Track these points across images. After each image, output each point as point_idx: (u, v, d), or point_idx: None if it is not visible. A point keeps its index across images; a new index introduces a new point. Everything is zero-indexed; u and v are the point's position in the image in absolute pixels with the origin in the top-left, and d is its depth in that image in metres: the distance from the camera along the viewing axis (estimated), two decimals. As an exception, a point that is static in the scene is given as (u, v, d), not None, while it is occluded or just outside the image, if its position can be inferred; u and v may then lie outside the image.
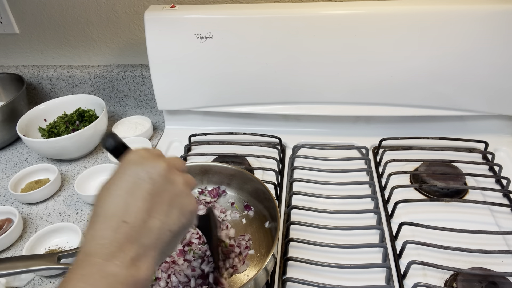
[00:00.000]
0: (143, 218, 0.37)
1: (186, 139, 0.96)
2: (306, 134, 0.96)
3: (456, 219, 0.72)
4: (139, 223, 0.36)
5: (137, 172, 0.38)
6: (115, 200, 0.37)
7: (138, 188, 0.38)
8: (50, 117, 1.02)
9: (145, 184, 0.38)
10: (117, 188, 0.38)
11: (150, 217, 0.37)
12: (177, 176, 0.41)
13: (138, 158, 0.40)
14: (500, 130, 0.92)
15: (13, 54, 1.17)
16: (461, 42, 0.79)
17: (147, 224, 0.37)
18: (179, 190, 0.40)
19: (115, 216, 0.36)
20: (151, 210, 0.37)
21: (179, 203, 0.40)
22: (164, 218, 0.38)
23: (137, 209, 0.37)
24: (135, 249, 0.36)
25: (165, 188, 0.39)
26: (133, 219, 0.36)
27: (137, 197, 0.37)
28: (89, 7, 1.03)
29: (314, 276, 0.62)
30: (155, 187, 0.38)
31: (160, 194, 0.38)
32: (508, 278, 0.60)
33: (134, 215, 0.37)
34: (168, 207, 0.39)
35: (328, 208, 0.73)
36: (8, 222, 0.77)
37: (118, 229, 0.36)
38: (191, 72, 0.90)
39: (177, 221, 0.40)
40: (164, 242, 0.38)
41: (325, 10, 0.81)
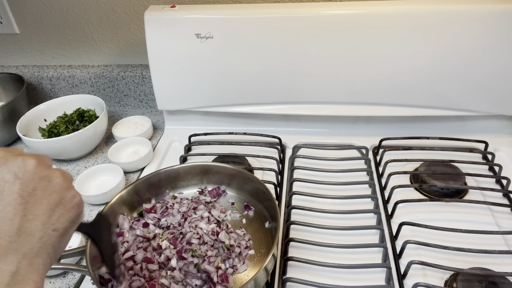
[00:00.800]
0: (17, 224, 0.32)
1: (186, 139, 0.96)
2: (306, 134, 0.96)
3: (456, 219, 0.72)
4: (13, 230, 0.32)
5: (0, 173, 0.34)
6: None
7: (4, 192, 0.33)
8: (50, 117, 1.02)
9: (13, 186, 0.33)
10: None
11: (26, 220, 0.33)
12: (51, 171, 0.37)
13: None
14: (500, 130, 0.92)
15: (13, 54, 1.17)
16: (461, 42, 0.79)
17: (24, 229, 0.32)
18: (58, 184, 0.36)
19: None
20: (25, 213, 0.33)
21: (60, 198, 0.36)
22: (46, 218, 0.34)
23: (9, 215, 0.32)
24: (15, 261, 0.31)
25: (39, 185, 0.35)
26: (5, 227, 0.32)
27: (5, 202, 0.33)
28: (89, 7, 1.03)
29: (314, 276, 0.62)
30: (26, 187, 0.34)
31: (34, 194, 0.34)
32: (508, 278, 0.60)
33: (6, 222, 0.32)
34: (48, 205, 0.35)
35: (328, 208, 0.73)
36: None
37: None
38: (191, 72, 0.90)
39: (61, 218, 0.36)
40: (50, 245, 0.34)
41: (325, 10, 0.81)
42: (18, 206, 0.33)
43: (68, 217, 0.36)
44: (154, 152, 0.96)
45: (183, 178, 0.75)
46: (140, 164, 0.90)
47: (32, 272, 0.32)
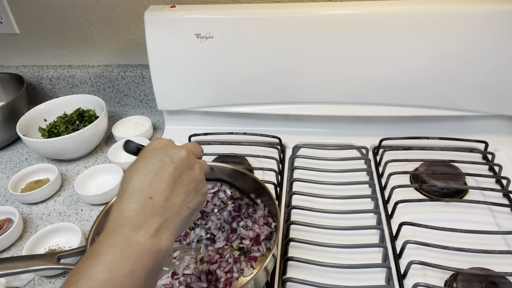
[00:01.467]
0: (166, 195, 0.41)
1: (186, 139, 0.96)
2: (306, 134, 0.96)
3: (456, 219, 0.72)
4: (163, 199, 0.41)
5: (161, 156, 0.43)
6: (142, 179, 0.42)
7: (162, 170, 0.43)
8: (50, 117, 1.02)
9: (168, 167, 0.43)
10: (143, 168, 0.42)
11: (172, 195, 0.42)
12: (195, 162, 0.47)
13: (162, 145, 0.45)
14: (500, 130, 0.92)
15: (13, 54, 1.17)
16: (461, 42, 0.79)
17: (169, 201, 0.42)
18: (196, 174, 0.46)
19: (142, 193, 0.41)
20: (173, 189, 0.42)
21: (196, 186, 0.45)
22: (184, 196, 0.43)
23: (162, 187, 0.42)
24: (159, 221, 0.40)
25: (185, 172, 0.44)
26: (158, 196, 0.41)
27: (162, 177, 0.42)
28: (89, 7, 1.03)
29: (314, 276, 0.62)
30: (176, 170, 0.43)
31: (180, 177, 0.44)
32: (508, 278, 0.60)
33: (160, 192, 0.41)
34: (187, 188, 0.44)
35: (328, 208, 0.73)
36: (8, 222, 0.77)
37: (144, 203, 0.40)
38: (191, 72, 0.90)
39: (194, 200, 0.45)
40: (183, 217, 0.43)
41: (325, 10, 0.81)
42: (169, 183, 0.42)
43: (197, 200, 0.46)
44: (154, 152, 0.96)
45: (183, 178, 0.75)
46: (140, 164, 0.90)
47: (167, 233, 0.40)
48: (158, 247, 0.38)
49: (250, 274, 0.61)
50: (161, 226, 0.40)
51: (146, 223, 0.39)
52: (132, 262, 0.36)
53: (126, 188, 0.41)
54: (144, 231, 0.38)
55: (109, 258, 0.35)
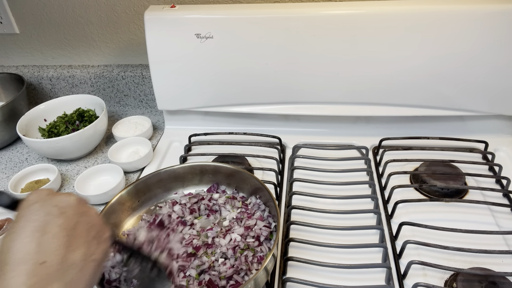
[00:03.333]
0: (62, 254, 0.35)
1: (186, 139, 0.96)
2: (306, 134, 0.96)
3: (456, 219, 0.72)
4: (59, 259, 0.34)
5: (46, 209, 0.36)
6: (25, 243, 0.34)
7: (51, 224, 0.36)
8: (50, 117, 1.02)
9: (58, 220, 0.36)
10: (25, 230, 0.35)
11: (70, 251, 0.36)
12: (90, 208, 0.41)
13: (43, 196, 0.38)
14: (500, 130, 0.92)
15: (13, 54, 1.17)
16: (461, 42, 0.79)
17: (68, 260, 0.35)
18: (94, 219, 0.40)
19: (30, 260, 0.33)
20: (69, 244, 0.36)
21: (96, 232, 0.40)
22: (85, 249, 0.37)
23: (54, 246, 0.35)
24: (60, 287, 0.34)
25: (80, 219, 0.38)
26: (51, 257, 0.34)
27: (52, 234, 0.35)
28: (89, 7, 1.03)
29: (314, 276, 0.62)
30: (69, 221, 0.37)
31: (76, 227, 0.37)
32: (508, 278, 0.60)
33: (53, 252, 0.34)
34: (87, 238, 0.38)
35: (328, 208, 0.73)
36: (8, 222, 0.77)
37: (35, 272, 0.33)
38: (191, 72, 0.90)
39: (98, 249, 0.39)
40: (89, 274, 0.37)
41: (325, 10, 0.81)
42: (62, 238, 0.35)
43: (102, 248, 0.40)
44: (154, 152, 0.96)
45: (183, 178, 0.75)
46: (140, 164, 0.90)
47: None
48: None
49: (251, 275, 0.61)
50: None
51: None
52: None
53: (6, 260, 0.33)
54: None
55: None
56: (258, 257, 0.62)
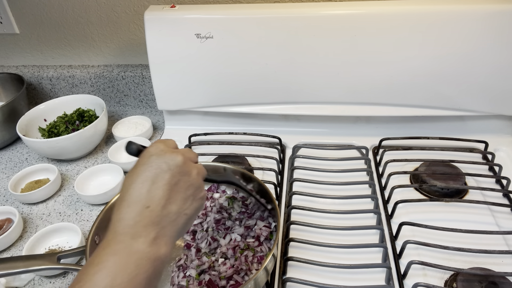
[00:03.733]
0: (163, 204, 0.42)
1: (186, 139, 0.96)
2: (306, 134, 0.96)
3: (456, 219, 0.72)
4: (160, 208, 0.42)
5: (158, 163, 0.43)
6: (139, 188, 0.42)
7: (159, 178, 0.43)
8: (50, 117, 1.02)
9: (165, 175, 0.43)
10: (141, 176, 0.43)
11: (169, 203, 0.43)
12: (192, 168, 0.47)
13: (159, 151, 0.45)
14: (500, 130, 0.92)
15: (13, 54, 1.17)
16: (461, 42, 0.79)
17: (166, 209, 0.42)
18: (193, 180, 0.46)
19: (140, 202, 0.41)
20: (169, 197, 0.43)
21: (193, 192, 0.46)
22: (181, 204, 0.44)
23: (159, 196, 0.42)
24: (156, 230, 0.41)
25: (182, 178, 0.45)
26: (154, 205, 0.42)
27: (158, 186, 0.42)
28: (89, 7, 1.03)
29: (314, 276, 0.62)
30: (173, 178, 0.44)
31: (177, 183, 0.44)
32: (508, 278, 0.60)
33: (156, 201, 0.42)
34: (184, 195, 0.45)
35: (328, 208, 0.73)
36: (8, 222, 0.77)
37: (142, 213, 0.41)
38: (191, 72, 0.90)
39: (191, 206, 0.46)
40: (180, 224, 0.44)
41: (325, 10, 0.81)
42: (166, 190, 0.43)
43: (195, 206, 0.46)
44: (154, 152, 0.96)
45: (183, 178, 0.75)
46: (140, 164, 0.90)
47: (165, 239, 0.42)
48: (156, 255, 0.40)
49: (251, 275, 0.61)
50: (158, 234, 0.41)
51: (145, 231, 0.40)
52: (132, 269, 0.37)
53: (125, 197, 0.42)
54: (142, 239, 0.40)
55: (110, 266, 0.37)
56: (258, 257, 0.62)
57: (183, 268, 0.61)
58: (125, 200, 0.42)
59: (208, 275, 0.59)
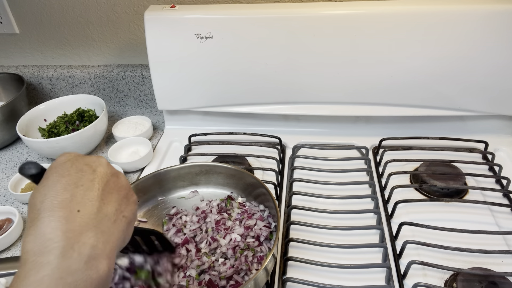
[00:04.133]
0: (97, 206, 0.35)
1: (186, 139, 0.96)
2: (306, 134, 0.96)
3: (456, 219, 0.72)
4: (94, 210, 0.35)
5: (78, 167, 0.37)
6: (60, 195, 0.34)
7: (84, 179, 0.36)
8: (50, 117, 1.02)
9: (90, 175, 0.37)
10: (58, 183, 0.35)
11: (103, 204, 0.36)
12: (117, 171, 0.41)
13: (72, 157, 0.38)
14: (500, 130, 0.92)
15: (13, 54, 1.17)
16: (461, 42, 0.79)
17: (102, 211, 0.35)
18: (122, 181, 0.41)
19: (65, 207, 0.33)
20: (103, 197, 0.36)
21: (126, 193, 0.40)
22: (117, 205, 0.38)
23: (90, 197, 0.35)
24: (94, 236, 0.33)
25: (110, 179, 0.39)
26: (87, 207, 0.34)
27: (85, 188, 0.35)
28: (89, 7, 1.03)
29: (314, 276, 0.62)
30: (102, 178, 0.38)
31: (107, 184, 0.38)
32: (508, 278, 0.60)
33: (88, 203, 0.35)
34: (117, 195, 0.38)
35: (328, 208, 0.73)
36: (8, 222, 0.77)
37: (70, 219, 0.32)
38: (191, 72, 0.90)
39: (127, 208, 0.39)
40: (121, 228, 0.38)
41: (325, 10, 0.81)
42: (96, 191, 0.36)
43: (131, 208, 0.40)
44: (154, 152, 0.96)
45: (183, 178, 0.75)
46: (140, 164, 0.90)
47: (107, 248, 0.34)
48: (98, 273, 0.32)
49: (251, 275, 0.61)
50: (97, 241, 0.33)
51: (78, 242, 0.32)
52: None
53: (41, 207, 0.33)
54: (76, 253, 0.31)
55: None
56: (258, 257, 0.62)
57: (183, 268, 0.61)
58: (43, 210, 0.32)
59: (208, 275, 0.59)
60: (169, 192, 0.76)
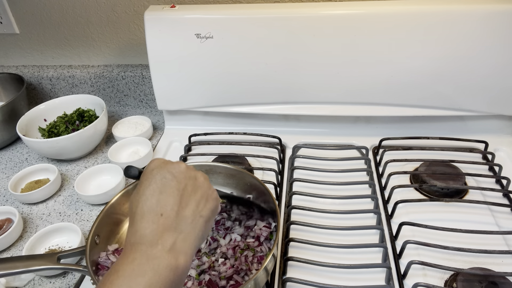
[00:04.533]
0: (176, 210, 0.42)
1: (186, 139, 0.96)
2: (306, 134, 0.96)
3: (456, 219, 0.72)
4: (173, 214, 0.42)
5: (161, 174, 0.44)
6: (149, 199, 0.42)
7: (166, 186, 0.43)
8: (50, 117, 1.02)
9: (171, 182, 0.44)
10: (148, 190, 0.43)
11: (181, 208, 0.43)
12: (196, 172, 0.47)
13: (160, 164, 0.46)
14: (500, 130, 0.92)
15: (13, 54, 1.17)
16: (461, 42, 0.79)
17: (180, 214, 0.43)
18: (201, 182, 0.46)
19: (152, 211, 0.42)
20: (181, 202, 0.43)
21: (204, 193, 0.46)
22: (194, 207, 0.44)
23: (170, 203, 0.42)
24: (173, 236, 0.41)
25: (188, 182, 0.45)
26: (168, 211, 0.42)
27: (167, 194, 0.43)
28: (89, 7, 1.03)
29: (314, 276, 0.62)
30: (180, 183, 0.44)
31: (185, 188, 0.44)
32: (508, 278, 0.60)
33: (169, 207, 0.42)
34: (195, 197, 0.45)
35: (328, 208, 0.73)
36: (8, 222, 0.77)
37: (156, 221, 0.41)
38: (191, 72, 0.90)
39: (205, 207, 0.45)
40: (198, 228, 0.44)
41: (325, 10, 0.81)
42: (176, 197, 0.43)
43: (209, 207, 0.46)
44: (154, 152, 0.96)
45: (183, 178, 0.75)
46: (140, 164, 0.90)
47: (185, 246, 0.41)
48: (175, 261, 0.39)
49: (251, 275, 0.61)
50: (176, 240, 0.41)
51: (161, 238, 0.40)
52: (150, 276, 0.37)
53: (136, 211, 0.43)
54: (160, 246, 0.40)
55: (128, 273, 0.37)
56: (258, 257, 0.62)
57: None
58: (137, 213, 0.42)
59: (208, 275, 0.59)
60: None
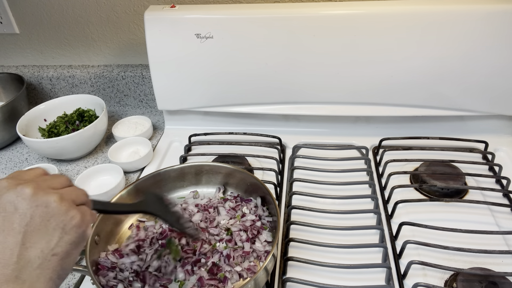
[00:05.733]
0: (17, 253, 0.34)
1: (186, 139, 0.96)
2: (306, 134, 0.96)
3: (456, 219, 0.72)
4: (14, 259, 0.34)
5: (1, 206, 0.35)
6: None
7: (6, 222, 0.35)
8: (50, 117, 1.02)
9: (12, 216, 0.35)
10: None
11: (25, 249, 0.35)
12: (48, 196, 0.37)
13: (1, 189, 0.36)
14: (500, 130, 0.92)
15: (13, 54, 1.17)
16: (461, 42, 0.79)
17: (23, 258, 0.34)
18: (54, 209, 0.37)
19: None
20: (24, 242, 0.35)
21: (59, 222, 0.37)
22: (44, 244, 0.36)
23: (10, 245, 0.34)
24: (14, 287, 0.33)
25: (35, 212, 0.36)
26: (7, 257, 0.34)
27: (6, 233, 0.34)
28: (89, 7, 1.03)
29: (314, 276, 0.62)
30: (24, 216, 0.35)
31: (31, 222, 0.35)
32: (508, 278, 0.60)
33: (8, 252, 0.34)
34: (46, 231, 0.36)
35: (328, 208, 0.73)
36: None
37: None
38: (191, 72, 0.90)
39: (61, 241, 0.37)
40: (50, 270, 0.36)
41: (325, 10, 0.81)
42: (17, 235, 0.34)
43: (67, 239, 0.37)
44: (154, 152, 0.96)
45: (183, 178, 0.75)
46: (140, 164, 0.90)
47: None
48: None
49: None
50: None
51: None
52: None
53: None
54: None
55: None
56: (258, 257, 0.62)
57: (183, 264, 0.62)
58: None
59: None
60: (169, 192, 0.76)
